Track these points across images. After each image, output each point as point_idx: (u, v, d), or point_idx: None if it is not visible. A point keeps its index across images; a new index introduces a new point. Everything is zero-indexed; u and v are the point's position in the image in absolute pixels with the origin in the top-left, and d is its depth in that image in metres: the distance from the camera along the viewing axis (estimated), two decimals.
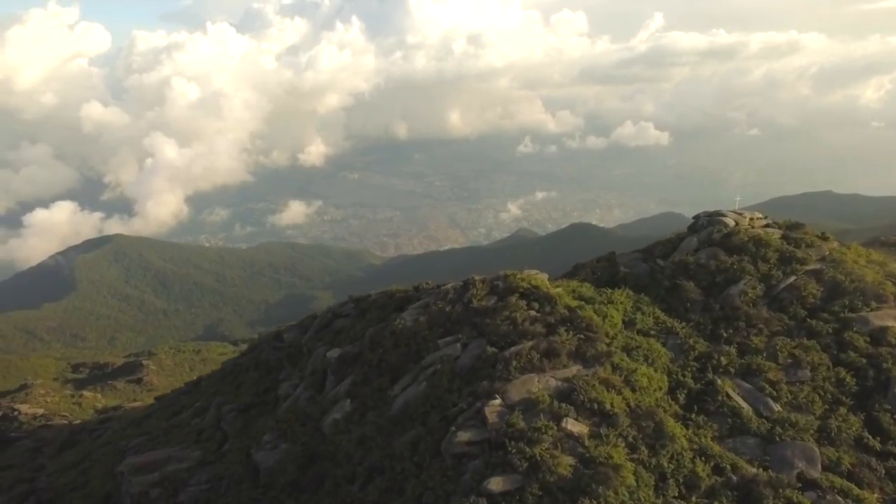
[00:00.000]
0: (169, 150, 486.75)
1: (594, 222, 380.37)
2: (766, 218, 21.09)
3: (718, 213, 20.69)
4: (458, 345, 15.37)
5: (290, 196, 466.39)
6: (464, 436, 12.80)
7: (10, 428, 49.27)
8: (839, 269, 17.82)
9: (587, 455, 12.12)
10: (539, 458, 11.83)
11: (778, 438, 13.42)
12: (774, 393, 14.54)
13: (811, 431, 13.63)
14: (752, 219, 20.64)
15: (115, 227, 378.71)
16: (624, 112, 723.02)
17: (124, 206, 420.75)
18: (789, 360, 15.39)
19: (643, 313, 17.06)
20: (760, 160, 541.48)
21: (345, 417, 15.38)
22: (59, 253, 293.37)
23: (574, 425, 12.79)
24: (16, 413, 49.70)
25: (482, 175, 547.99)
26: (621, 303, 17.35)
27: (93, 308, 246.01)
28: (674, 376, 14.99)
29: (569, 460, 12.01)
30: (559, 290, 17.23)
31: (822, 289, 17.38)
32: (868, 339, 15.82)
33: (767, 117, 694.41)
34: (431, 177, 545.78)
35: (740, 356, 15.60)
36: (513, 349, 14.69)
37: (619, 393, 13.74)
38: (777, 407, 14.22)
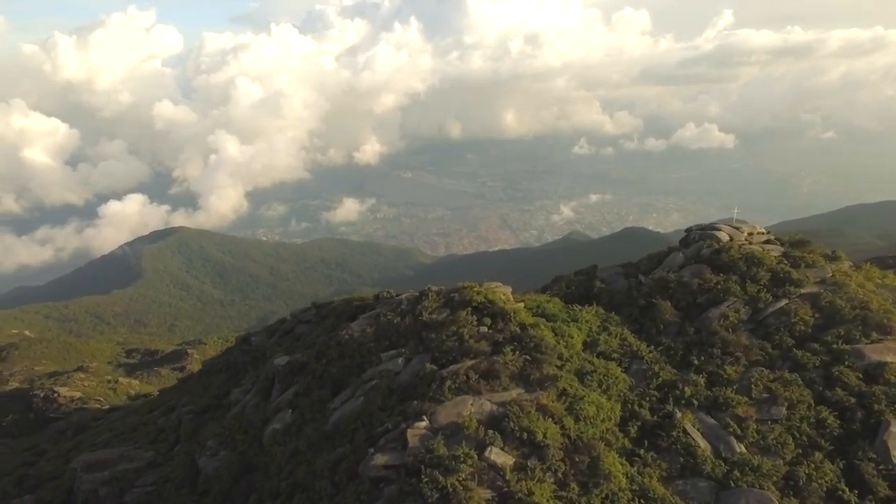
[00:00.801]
0: (231, 147, 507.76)
1: (650, 227, 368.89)
2: (768, 233, 19.20)
3: (712, 227, 19.00)
4: (401, 359, 14.67)
5: (344, 193, 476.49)
6: (381, 459, 12.11)
7: (50, 409, 52.25)
8: (840, 294, 15.90)
9: (506, 489, 11.17)
10: (451, 490, 10.99)
11: (734, 483, 11.99)
12: (740, 431, 13.02)
13: (775, 478, 12.10)
14: (750, 234, 18.82)
15: (180, 219, 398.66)
16: (686, 113, 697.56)
17: (189, 200, 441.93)
18: (764, 395, 13.80)
19: (609, 334, 15.78)
20: (835, 165, 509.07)
21: (284, 429, 14.98)
22: (128, 243, 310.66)
23: (498, 455, 11.85)
24: (55, 395, 52.59)
25: (535, 176, 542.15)
26: (587, 321, 16.13)
27: (156, 296, 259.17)
28: (629, 406, 13.72)
29: (485, 494, 11.11)
30: (519, 305, 16.19)
31: (816, 315, 15.56)
32: (861, 375, 13.98)
33: (845, 120, 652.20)
34: (484, 177, 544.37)
35: (709, 387, 14.13)
36: (451, 368, 13.86)
37: (558, 422, 12.65)
38: (740, 447, 12.73)
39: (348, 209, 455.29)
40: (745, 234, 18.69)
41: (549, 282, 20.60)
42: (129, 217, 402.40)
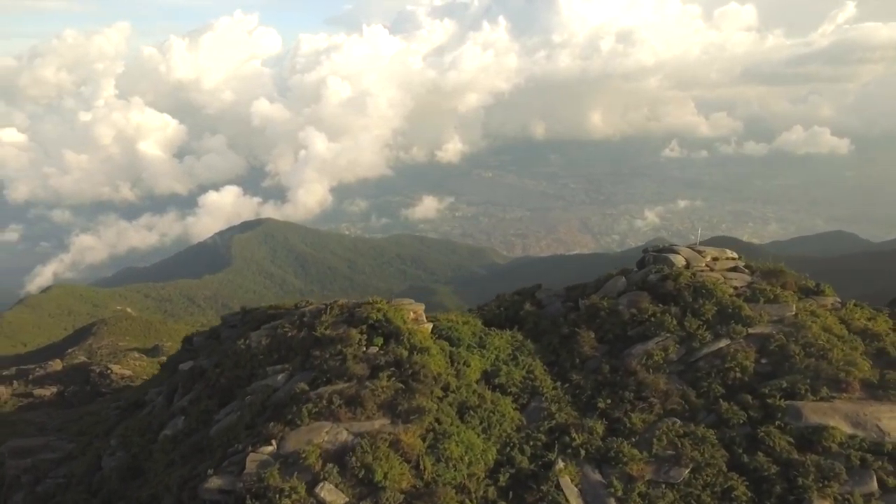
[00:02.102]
0: (320, 144, 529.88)
1: (745, 237, 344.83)
2: (738, 259, 16.61)
3: (670, 249, 16.72)
4: (281, 376, 14.03)
5: (424, 191, 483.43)
6: (216, 482, 11.58)
7: (103, 384, 56.64)
8: (796, 338, 13.38)
9: None
10: None
11: None
12: (622, 493, 11.17)
13: None
14: (714, 259, 16.37)
15: (269, 211, 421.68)
16: (793, 115, 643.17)
17: (279, 193, 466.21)
18: (668, 452, 11.81)
19: (516, 364, 14.25)
20: None
21: (173, 436, 14.83)
22: (221, 232, 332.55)
23: (329, 493, 10.92)
24: (109, 371, 56.97)
25: (621, 179, 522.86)
26: (496, 348, 14.68)
27: (242, 282, 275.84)
28: (507, 450, 12.23)
29: None
30: (425, 326, 15.02)
31: (762, 361, 13.17)
32: (793, 439, 11.61)
33: None
34: (566, 178, 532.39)
35: (607, 436, 12.30)
36: (320, 390, 13.03)
37: (413, 461, 11.48)
38: None
39: (427, 206, 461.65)
40: (708, 258, 16.27)
41: (493, 299, 19.08)
42: (224, 207, 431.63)
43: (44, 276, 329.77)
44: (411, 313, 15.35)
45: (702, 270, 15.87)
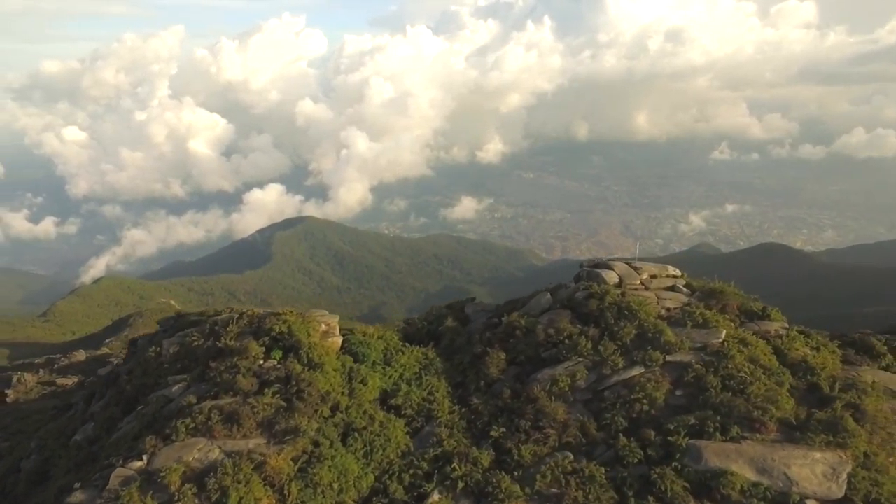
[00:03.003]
0: (361, 143, 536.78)
1: (798, 244, 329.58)
2: (678, 277, 15.27)
3: (605, 264, 15.52)
4: (178, 387, 13.71)
5: (464, 191, 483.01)
6: (79, 496, 11.38)
7: None
8: (716, 368, 12.09)
9: None
10: None
11: None
12: None
13: None
14: (653, 276, 15.08)
15: (311, 209, 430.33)
16: (854, 117, 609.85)
17: (321, 192, 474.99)
18: (552, 490, 10.87)
19: (419, 385, 13.49)
20: None
21: (81, 441, 14.75)
22: (263, 228, 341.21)
23: None
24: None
25: (666, 182, 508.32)
26: (402, 366, 13.94)
27: (281, 279, 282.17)
28: (385, 477, 11.52)
29: None
30: (332, 340, 14.41)
31: (674, 392, 11.95)
32: (689, 485, 10.41)
33: None
34: (609, 180, 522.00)
35: (492, 467, 11.41)
36: (203, 404, 12.63)
37: (276, 486, 10.92)
38: None
39: (466, 207, 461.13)
40: (645, 275, 15.01)
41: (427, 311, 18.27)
42: (268, 204, 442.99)
43: (97, 267, 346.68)
44: (322, 326, 14.79)
45: (635, 289, 14.67)
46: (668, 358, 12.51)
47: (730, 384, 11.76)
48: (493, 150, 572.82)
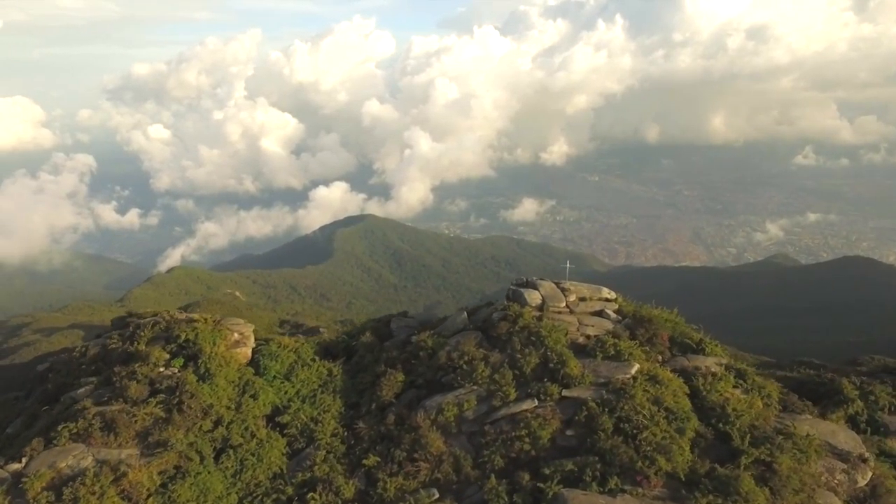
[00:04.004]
0: (423, 144, 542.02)
1: (891, 258, 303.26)
2: (611, 301, 13.80)
3: (531, 284, 14.28)
4: (84, 388, 13.83)
5: (526, 193, 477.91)
6: None
7: None
8: (614, 407, 10.75)
9: None
10: None
11: None
12: None
13: None
14: (581, 298, 13.73)
15: (373, 207, 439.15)
16: None
17: (384, 191, 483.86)
18: None
19: (312, 403, 12.95)
20: None
21: (13, 434, 15.18)
22: (326, 225, 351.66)
23: None
24: None
25: (742, 188, 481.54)
26: (302, 381, 13.41)
27: (341, 275, 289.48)
28: (248, 500, 11.04)
29: None
30: (240, 351, 14.08)
31: (565, 431, 10.72)
32: None
33: None
34: (679, 185, 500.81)
35: (354, 500, 10.66)
36: (91, 409, 12.62)
37: (133, 500, 10.70)
38: None
39: (527, 209, 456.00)
40: (572, 297, 13.69)
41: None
42: (332, 202, 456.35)
43: (173, 257, 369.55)
44: (235, 335, 14.51)
45: (559, 312, 13.42)
46: (565, 392, 11.30)
47: (623, 427, 10.44)
48: (557, 151, 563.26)
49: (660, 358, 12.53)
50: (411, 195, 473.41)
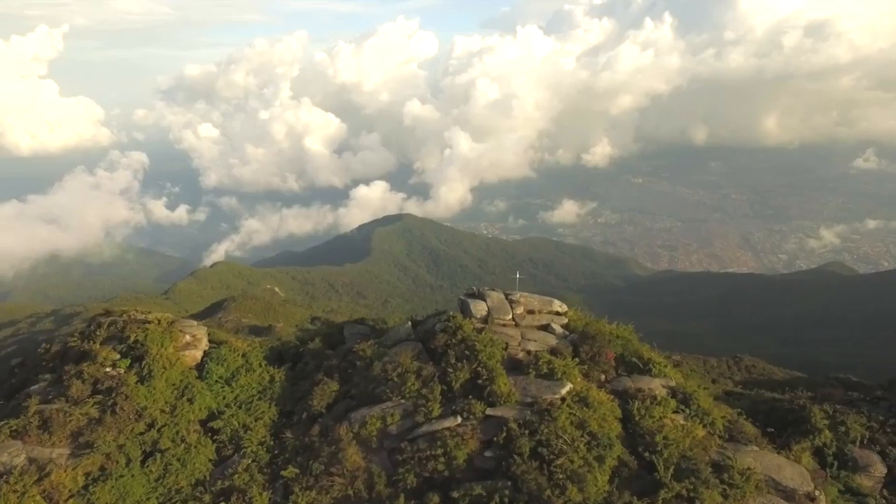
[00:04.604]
0: (463, 144, 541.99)
1: None
2: (561, 314, 13.08)
3: (479, 294, 13.71)
4: (38, 385, 14.12)
5: (566, 195, 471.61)
6: None
7: None
8: (535, 430, 10.12)
9: None
10: None
11: None
12: None
13: None
14: (530, 311, 13.08)
15: (412, 207, 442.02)
16: None
17: (423, 190, 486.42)
18: None
19: (248, 411, 12.82)
20: None
21: None
22: (365, 224, 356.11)
23: None
24: None
25: (795, 192, 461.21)
26: (241, 387, 13.29)
27: (378, 273, 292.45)
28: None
29: None
30: (190, 353, 14.08)
31: (484, 453, 10.18)
32: None
33: None
34: (728, 188, 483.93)
35: None
36: (39, 406, 12.86)
37: (52, 499, 10.81)
38: None
39: (567, 210, 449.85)
40: (520, 310, 13.07)
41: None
42: (372, 201, 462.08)
43: (218, 252, 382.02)
44: (186, 337, 14.53)
45: (504, 325, 12.84)
46: (489, 411, 10.75)
47: (541, 452, 9.82)
48: (600, 153, 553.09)
49: (603, 377, 11.80)
50: (450, 195, 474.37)
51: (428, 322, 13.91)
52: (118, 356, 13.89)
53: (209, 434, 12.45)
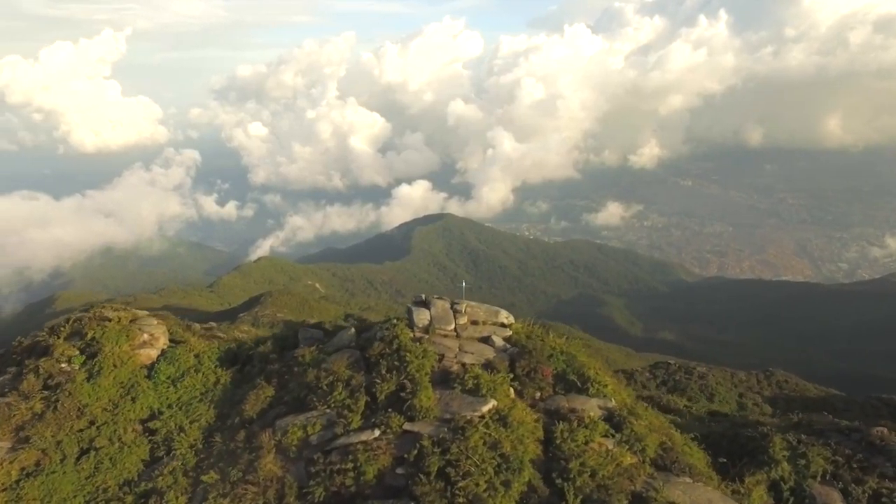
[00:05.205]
0: (506, 144, 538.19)
1: None
2: (503, 326, 12.47)
3: (424, 302, 13.25)
4: (2, 378, 14.57)
5: (611, 197, 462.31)
6: None
7: None
8: (444, 449, 9.62)
9: None
10: None
11: None
12: None
13: None
14: (474, 321, 12.54)
15: (453, 206, 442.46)
16: None
17: (465, 190, 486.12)
18: None
19: (186, 412, 12.82)
20: None
21: None
22: (406, 223, 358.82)
23: None
24: None
25: (858, 197, 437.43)
26: (186, 388, 13.36)
27: (417, 272, 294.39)
28: (94, 503, 11.08)
29: None
30: (144, 352, 14.23)
31: (394, 470, 9.78)
32: None
33: None
34: (784, 192, 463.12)
35: None
36: None
37: None
38: None
39: (611, 213, 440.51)
40: (463, 320, 12.55)
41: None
42: (414, 200, 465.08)
43: (263, 248, 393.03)
44: (144, 335, 14.71)
45: (444, 335, 12.36)
46: (407, 426, 10.32)
47: (448, 472, 9.34)
48: (647, 154, 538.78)
49: (538, 395, 11.17)
50: (492, 195, 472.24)
51: (373, 329, 13.60)
52: (77, 352, 14.19)
53: (147, 434, 12.54)
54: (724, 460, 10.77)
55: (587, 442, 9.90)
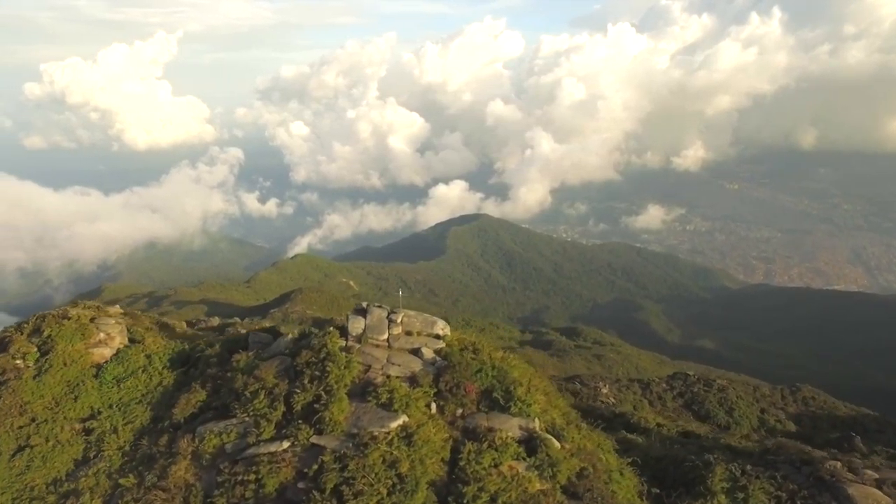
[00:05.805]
0: (545, 144, 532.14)
1: None
2: (438, 338, 11.97)
3: (362, 311, 12.87)
4: None
5: (652, 199, 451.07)
6: None
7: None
8: (343, 466, 9.26)
9: None
10: None
11: None
12: None
13: None
14: (409, 332, 12.09)
15: (490, 207, 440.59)
16: None
17: (502, 191, 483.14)
18: None
19: (124, 413, 12.84)
20: None
21: None
22: (441, 223, 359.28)
23: None
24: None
25: None
26: (128, 389, 13.39)
27: (451, 272, 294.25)
28: (20, 500, 11.23)
29: None
30: (98, 351, 14.39)
31: (297, 483, 9.49)
32: None
33: None
34: (838, 197, 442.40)
35: None
36: None
37: None
38: None
39: (652, 216, 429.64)
40: (398, 330, 12.12)
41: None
42: (451, 200, 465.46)
43: (301, 245, 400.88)
44: (101, 335, 14.88)
45: (376, 345, 11.98)
46: (314, 439, 10.00)
47: (341, 490, 8.98)
48: (692, 156, 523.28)
49: (459, 412, 10.65)
50: (529, 196, 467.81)
51: (311, 336, 13.34)
52: (35, 349, 14.47)
53: (84, 434, 12.65)
54: (658, 491, 10.03)
55: (496, 465, 9.36)
